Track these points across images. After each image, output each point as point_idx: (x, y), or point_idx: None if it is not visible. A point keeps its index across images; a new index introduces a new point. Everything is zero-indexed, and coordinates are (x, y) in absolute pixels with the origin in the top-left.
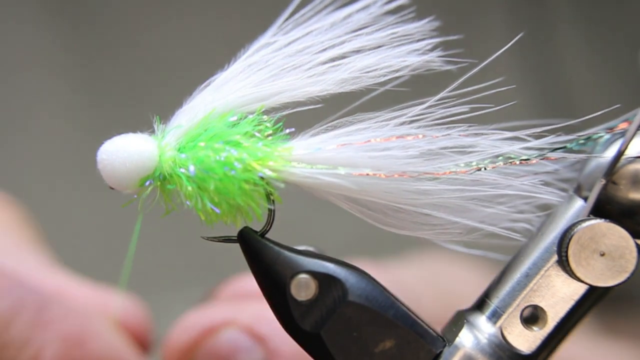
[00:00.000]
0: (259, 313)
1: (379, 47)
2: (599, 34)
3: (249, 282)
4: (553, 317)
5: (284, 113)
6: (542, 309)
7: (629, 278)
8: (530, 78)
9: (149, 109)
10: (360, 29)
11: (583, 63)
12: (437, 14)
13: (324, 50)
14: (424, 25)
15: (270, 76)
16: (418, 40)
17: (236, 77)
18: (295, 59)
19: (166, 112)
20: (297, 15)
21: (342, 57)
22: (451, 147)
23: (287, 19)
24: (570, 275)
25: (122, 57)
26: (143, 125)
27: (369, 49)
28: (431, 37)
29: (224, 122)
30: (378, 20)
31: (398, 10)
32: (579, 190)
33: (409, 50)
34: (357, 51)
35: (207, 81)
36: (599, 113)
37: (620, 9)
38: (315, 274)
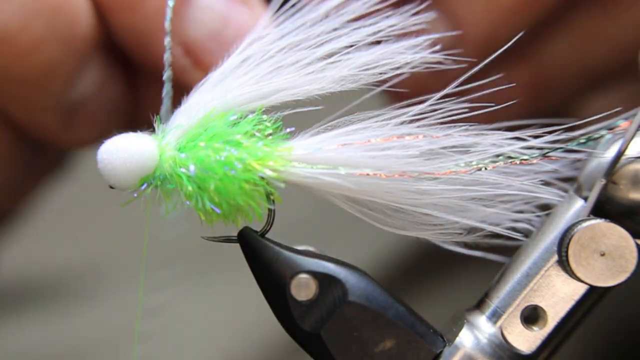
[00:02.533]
0: None
1: (377, 42)
2: None
3: None
4: (553, 317)
5: (285, 113)
6: (542, 309)
7: (629, 278)
8: None
9: None
10: (355, 19)
11: None
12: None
13: (321, 44)
14: (422, 19)
15: (268, 73)
16: (416, 35)
17: (233, 74)
18: (292, 55)
19: None
20: (287, 6)
21: (340, 52)
22: (451, 147)
23: (277, 10)
24: (571, 275)
25: None
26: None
27: (367, 44)
28: (429, 33)
29: (224, 121)
30: (374, 12)
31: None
32: (579, 190)
33: (407, 45)
34: (354, 45)
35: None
36: (600, 115)
37: None
38: (315, 274)
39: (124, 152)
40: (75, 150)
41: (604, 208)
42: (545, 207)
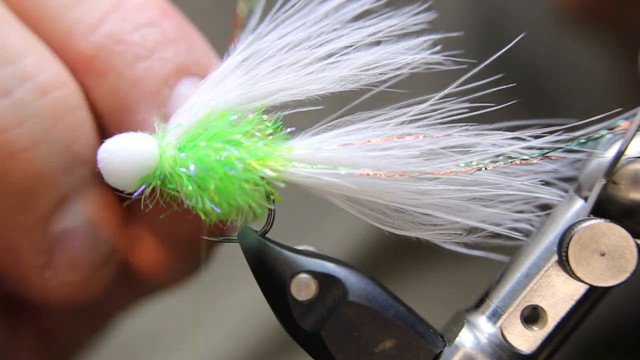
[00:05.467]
0: None
1: (377, 42)
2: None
3: None
4: (553, 317)
5: (285, 113)
6: (542, 308)
7: (629, 278)
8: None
9: None
10: (355, 20)
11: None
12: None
13: (321, 45)
14: (422, 18)
15: (268, 73)
16: (416, 36)
17: (233, 74)
18: (292, 55)
19: None
20: (288, 6)
21: (340, 52)
22: (452, 147)
23: (278, 10)
24: (571, 275)
25: None
26: None
27: (367, 44)
28: (430, 33)
29: (224, 121)
30: (373, 12)
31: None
32: (579, 190)
33: (407, 46)
34: (354, 45)
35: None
36: (601, 116)
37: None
38: (315, 274)
39: (124, 151)
40: (48, 305)
41: (604, 208)
42: (545, 207)
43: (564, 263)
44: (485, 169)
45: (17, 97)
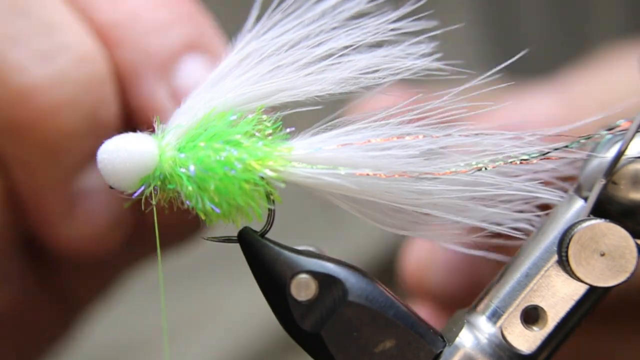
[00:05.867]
0: None
1: (377, 41)
2: None
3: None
4: (553, 317)
5: (284, 113)
6: (542, 309)
7: (629, 278)
8: None
9: None
10: (354, 17)
11: None
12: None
13: (320, 44)
14: (422, 23)
15: (268, 72)
16: (417, 41)
17: (232, 73)
18: (292, 54)
19: None
20: (286, 4)
21: (340, 52)
22: (451, 147)
23: (274, 9)
24: (571, 275)
25: None
26: None
27: (367, 45)
28: (430, 38)
29: (223, 121)
30: (373, 11)
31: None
32: (579, 190)
33: (407, 52)
34: (353, 45)
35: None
36: (600, 116)
37: None
38: (315, 274)
39: (124, 151)
40: (68, 256)
41: (604, 208)
42: (546, 207)
43: (564, 263)
44: (485, 168)
45: (60, 64)
